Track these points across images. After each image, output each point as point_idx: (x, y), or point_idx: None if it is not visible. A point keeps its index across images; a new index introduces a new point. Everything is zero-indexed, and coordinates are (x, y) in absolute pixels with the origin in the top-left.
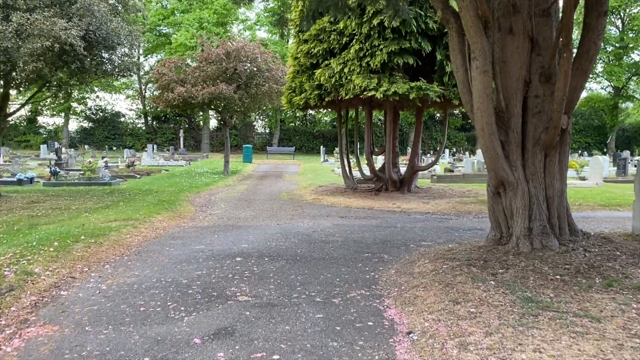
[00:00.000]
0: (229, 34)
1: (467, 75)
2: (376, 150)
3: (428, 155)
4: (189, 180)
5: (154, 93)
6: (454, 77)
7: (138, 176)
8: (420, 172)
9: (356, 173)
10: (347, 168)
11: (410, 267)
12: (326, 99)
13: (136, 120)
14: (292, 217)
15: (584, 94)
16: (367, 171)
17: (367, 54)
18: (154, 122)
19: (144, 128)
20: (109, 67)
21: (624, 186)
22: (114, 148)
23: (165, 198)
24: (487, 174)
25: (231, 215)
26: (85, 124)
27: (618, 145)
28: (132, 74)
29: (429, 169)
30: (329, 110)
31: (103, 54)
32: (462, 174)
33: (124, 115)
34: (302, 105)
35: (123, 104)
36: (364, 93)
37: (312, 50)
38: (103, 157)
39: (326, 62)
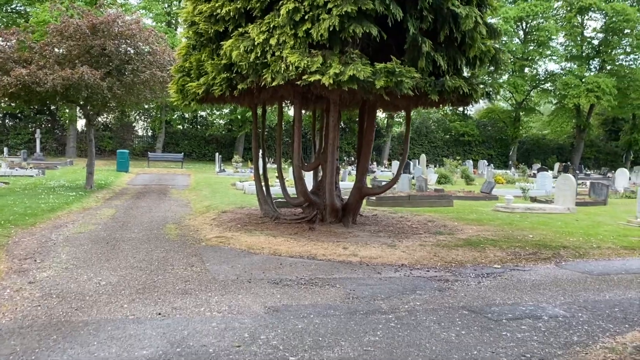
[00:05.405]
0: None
1: None
2: (306, 164)
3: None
4: (28, 200)
5: None
6: (432, 59)
7: None
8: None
9: (274, 190)
10: (264, 189)
11: None
12: (240, 87)
13: None
14: (185, 291)
15: (483, 106)
16: (290, 189)
17: (306, 17)
18: (7, 120)
19: None
20: None
21: (605, 210)
22: None
23: None
24: None
25: (70, 287)
26: None
27: (519, 157)
28: None
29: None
30: (240, 105)
31: None
32: (407, 195)
33: None
34: (202, 95)
35: None
36: (303, 77)
37: (218, 11)
38: None
39: (240, 29)
